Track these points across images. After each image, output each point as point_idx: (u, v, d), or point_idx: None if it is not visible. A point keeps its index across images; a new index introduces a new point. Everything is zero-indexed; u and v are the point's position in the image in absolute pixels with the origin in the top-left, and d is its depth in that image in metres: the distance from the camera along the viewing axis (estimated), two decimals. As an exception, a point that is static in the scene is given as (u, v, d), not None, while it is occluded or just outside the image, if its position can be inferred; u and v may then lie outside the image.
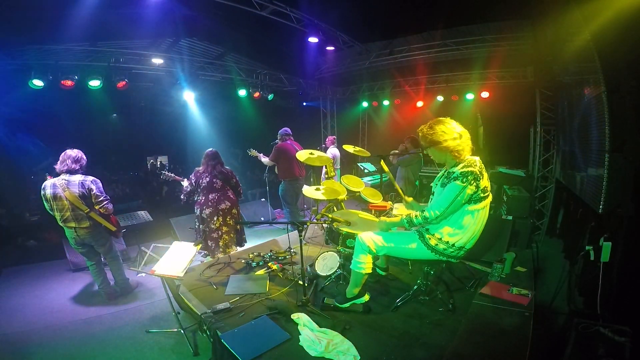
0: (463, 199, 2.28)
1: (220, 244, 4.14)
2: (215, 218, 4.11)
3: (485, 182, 2.32)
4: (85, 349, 2.94)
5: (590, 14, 2.85)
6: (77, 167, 3.47)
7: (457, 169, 2.30)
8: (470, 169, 2.26)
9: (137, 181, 11.09)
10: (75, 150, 3.53)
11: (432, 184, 2.61)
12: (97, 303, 3.76)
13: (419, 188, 6.01)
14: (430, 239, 2.42)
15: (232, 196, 4.26)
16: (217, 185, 4.14)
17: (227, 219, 4.17)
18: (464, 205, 2.33)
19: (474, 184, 2.25)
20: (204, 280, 3.41)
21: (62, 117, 8.36)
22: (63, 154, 3.47)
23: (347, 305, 2.77)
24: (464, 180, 2.24)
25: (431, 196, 2.58)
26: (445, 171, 2.47)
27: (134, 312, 3.53)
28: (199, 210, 4.14)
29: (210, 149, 4.26)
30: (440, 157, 2.42)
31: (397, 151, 5.94)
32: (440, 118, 2.43)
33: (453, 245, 2.40)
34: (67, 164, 3.42)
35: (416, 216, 2.39)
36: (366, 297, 2.79)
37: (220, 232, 4.12)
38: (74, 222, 3.45)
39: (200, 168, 4.19)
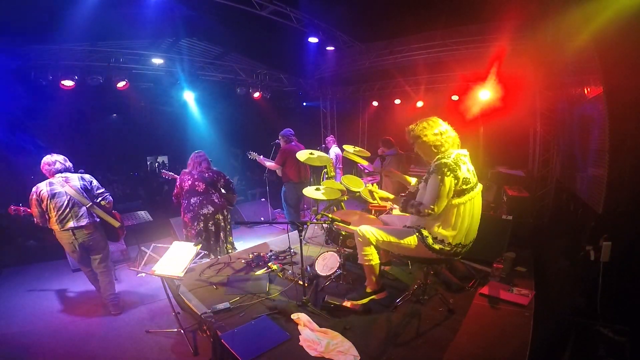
0: (447, 190, 2.29)
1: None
2: (195, 223, 3.97)
3: (465, 174, 2.34)
4: (85, 349, 2.94)
5: (590, 14, 2.85)
6: (70, 165, 3.45)
7: (433, 163, 2.38)
8: (443, 160, 2.32)
9: (137, 181, 11.10)
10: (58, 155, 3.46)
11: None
12: (97, 303, 3.75)
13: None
14: (427, 237, 2.43)
15: (216, 200, 4.08)
16: (200, 188, 4.00)
17: (209, 225, 4.03)
18: (449, 201, 2.34)
19: (451, 175, 2.28)
20: (204, 280, 3.41)
21: (62, 117, 8.36)
22: (49, 157, 3.35)
23: (365, 301, 2.74)
24: (440, 172, 2.29)
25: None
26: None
27: (134, 312, 3.52)
28: (182, 214, 4.05)
29: (195, 152, 4.16)
30: (423, 151, 2.51)
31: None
32: (428, 117, 2.53)
33: (449, 243, 2.39)
34: (60, 163, 3.36)
35: (412, 204, 2.41)
36: (385, 293, 2.78)
37: (200, 239, 3.96)
38: (73, 221, 3.30)
39: (186, 170, 4.11)
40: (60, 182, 3.32)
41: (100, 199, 3.48)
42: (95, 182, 3.50)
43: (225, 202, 4.24)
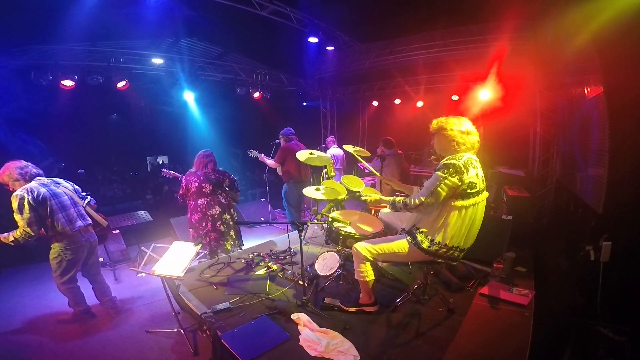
0: (445, 191, 2.23)
1: (208, 249, 4.06)
2: (204, 224, 4.00)
3: (471, 178, 2.26)
4: (85, 349, 2.94)
5: (590, 14, 2.85)
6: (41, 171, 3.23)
7: (442, 161, 2.32)
8: (452, 161, 2.24)
9: (137, 181, 11.11)
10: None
11: None
12: (96, 303, 3.74)
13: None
14: (422, 242, 2.37)
15: (223, 200, 4.13)
16: (207, 189, 4.01)
17: (217, 225, 4.06)
18: (451, 201, 2.28)
19: (456, 176, 2.21)
20: (204, 280, 3.41)
21: (62, 117, 8.36)
22: (15, 162, 3.03)
23: (354, 309, 2.75)
24: (445, 171, 2.23)
25: None
26: None
27: (134, 312, 3.52)
28: (189, 214, 4.07)
29: (202, 150, 4.16)
30: (442, 144, 2.41)
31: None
32: (461, 116, 2.46)
33: (445, 245, 2.33)
34: (33, 167, 3.11)
35: (399, 200, 2.42)
36: (376, 307, 2.76)
37: (208, 239, 4.02)
38: (80, 220, 3.24)
39: (192, 170, 4.12)
40: (50, 182, 3.16)
41: (87, 200, 3.45)
42: (77, 186, 3.44)
43: (231, 200, 4.28)
